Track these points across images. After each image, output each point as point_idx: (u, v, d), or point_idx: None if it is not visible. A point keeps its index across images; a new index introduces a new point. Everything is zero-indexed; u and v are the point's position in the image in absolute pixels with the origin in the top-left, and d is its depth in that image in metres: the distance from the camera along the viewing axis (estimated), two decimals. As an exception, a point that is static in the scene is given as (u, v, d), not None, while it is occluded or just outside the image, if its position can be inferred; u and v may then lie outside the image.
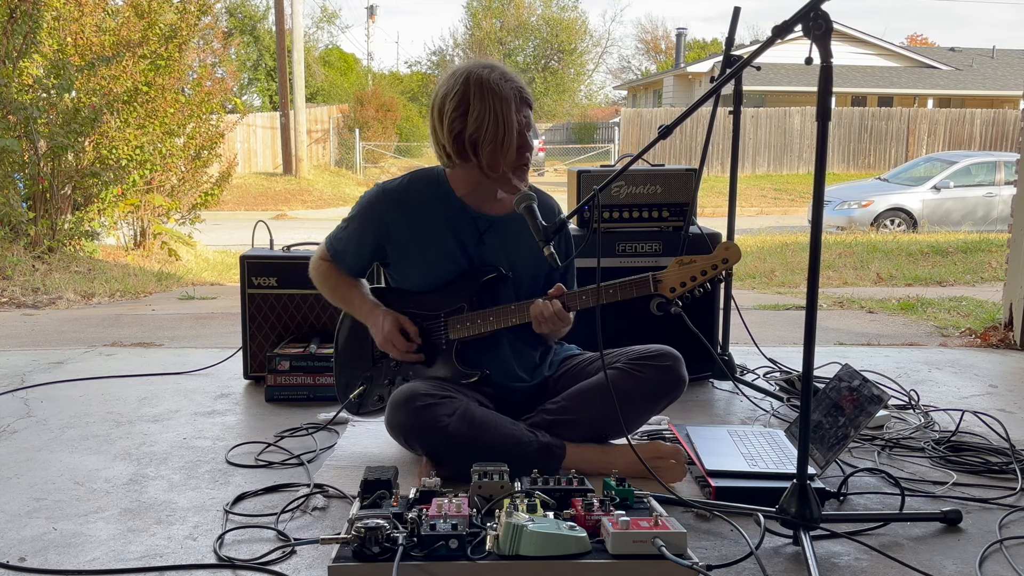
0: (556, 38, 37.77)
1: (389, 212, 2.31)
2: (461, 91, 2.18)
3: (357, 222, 2.35)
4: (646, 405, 2.27)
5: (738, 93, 3.21)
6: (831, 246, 9.41)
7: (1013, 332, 4.07)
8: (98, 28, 8.12)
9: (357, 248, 2.36)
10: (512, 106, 2.18)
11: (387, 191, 2.34)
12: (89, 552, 1.83)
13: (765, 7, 64.67)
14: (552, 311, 2.19)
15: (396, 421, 2.18)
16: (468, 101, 2.18)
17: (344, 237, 2.38)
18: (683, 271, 2.15)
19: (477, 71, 2.20)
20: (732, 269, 2.21)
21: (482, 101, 2.17)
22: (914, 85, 25.00)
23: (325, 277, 2.43)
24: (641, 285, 2.17)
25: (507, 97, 2.17)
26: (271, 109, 24.33)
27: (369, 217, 2.33)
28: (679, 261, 2.16)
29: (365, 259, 2.39)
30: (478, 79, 2.18)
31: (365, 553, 1.61)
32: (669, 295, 2.16)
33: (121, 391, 3.17)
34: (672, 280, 2.15)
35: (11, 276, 6.50)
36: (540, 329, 2.23)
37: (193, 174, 9.00)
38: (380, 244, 2.34)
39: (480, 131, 2.18)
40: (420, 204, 2.30)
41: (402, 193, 2.32)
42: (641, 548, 1.63)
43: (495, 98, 2.16)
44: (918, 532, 1.96)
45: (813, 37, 1.62)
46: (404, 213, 2.30)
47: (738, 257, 2.13)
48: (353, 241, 2.36)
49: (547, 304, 2.20)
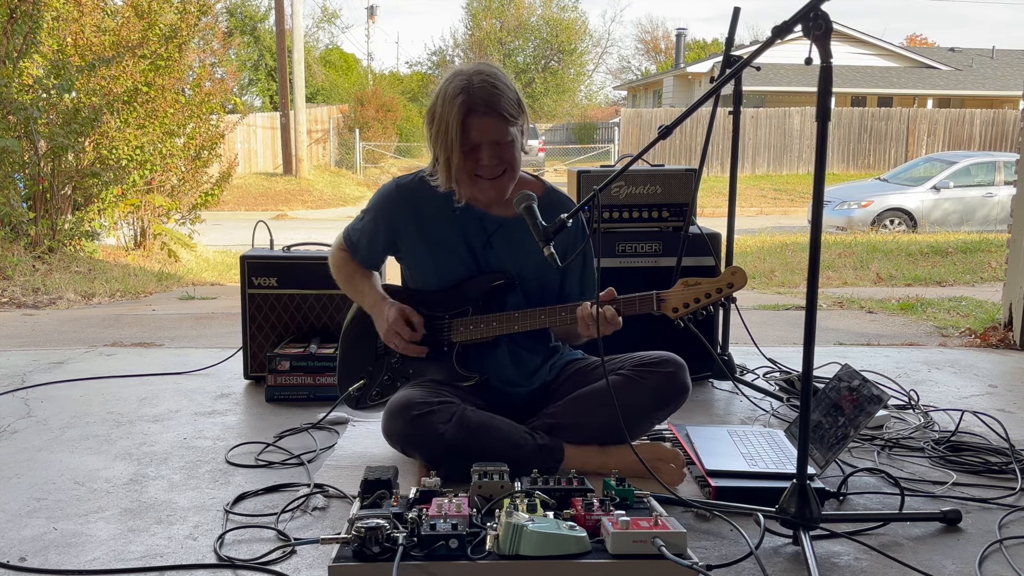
0: (556, 38, 37.76)
1: (401, 207, 2.32)
2: (437, 94, 2.17)
3: (372, 215, 2.37)
4: (649, 412, 2.26)
5: (738, 93, 3.21)
6: (831, 246, 9.41)
7: (1013, 332, 4.08)
8: (98, 28, 8.12)
9: (370, 240, 2.39)
10: (459, 115, 2.10)
11: (400, 186, 2.35)
12: (89, 552, 1.83)
13: (765, 7, 64.70)
14: (602, 314, 2.12)
15: (393, 430, 2.18)
16: (434, 111, 2.17)
17: (359, 228, 2.41)
18: (687, 292, 2.14)
19: (459, 74, 2.16)
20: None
21: (439, 114, 2.13)
22: (914, 85, 25.00)
23: (340, 266, 2.46)
24: (644, 303, 2.17)
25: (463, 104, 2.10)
26: (271, 109, 24.32)
27: (382, 211, 2.35)
28: (684, 282, 2.15)
29: (378, 252, 2.41)
30: (450, 81, 2.15)
31: (365, 553, 1.61)
32: (672, 315, 2.15)
33: (121, 391, 3.17)
34: (676, 301, 2.15)
35: (11, 276, 6.50)
36: (589, 333, 2.18)
37: (193, 174, 9.00)
38: (392, 238, 2.36)
39: (436, 137, 2.16)
40: (431, 202, 2.30)
41: (414, 189, 2.32)
42: (641, 548, 1.63)
43: (448, 102, 2.12)
44: (918, 532, 1.97)
45: (813, 37, 1.62)
46: (414, 209, 2.31)
47: (744, 283, 2.12)
48: (367, 233, 2.39)
49: (595, 308, 2.13)
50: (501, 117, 2.13)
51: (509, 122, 2.15)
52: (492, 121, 2.13)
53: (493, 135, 2.14)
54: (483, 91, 2.12)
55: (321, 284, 3.02)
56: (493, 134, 2.14)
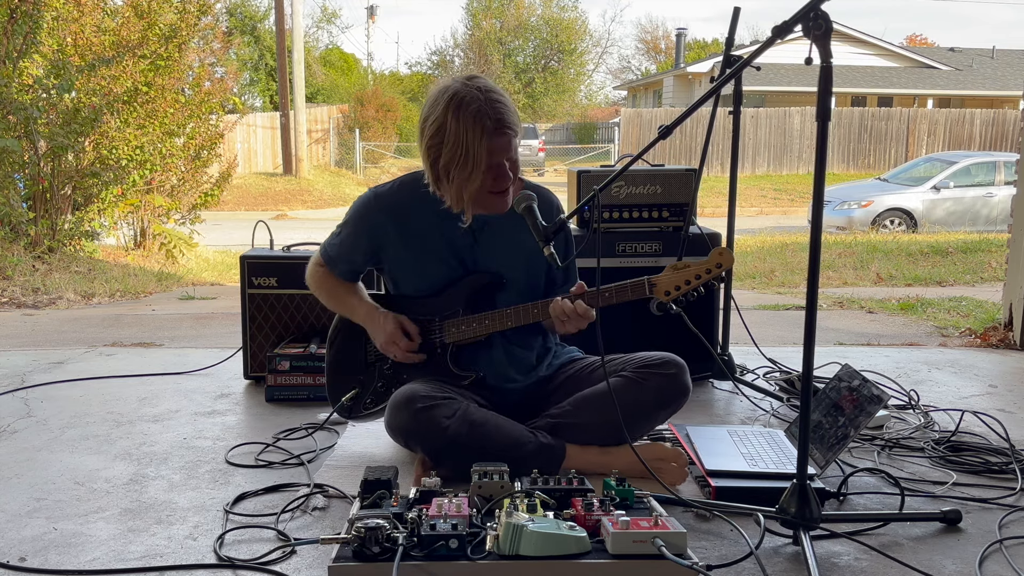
0: (556, 38, 37.76)
1: (381, 217, 2.30)
2: (440, 117, 2.09)
3: (351, 227, 2.34)
4: (650, 413, 2.26)
5: (738, 93, 3.21)
6: (831, 246, 9.41)
7: (1013, 332, 4.07)
8: (98, 28, 8.12)
9: (351, 254, 2.36)
10: (483, 141, 2.06)
11: (379, 196, 2.32)
12: (89, 552, 1.83)
13: (765, 7, 64.70)
14: (572, 309, 2.15)
15: (396, 423, 2.18)
16: (446, 129, 2.09)
17: (338, 243, 2.37)
18: (677, 275, 2.17)
19: (461, 95, 2.08)
20: (729, 273, 2.21)
21: (456, 133, 2.07)
22: (914, 85, 25.00)
23: (321, 283, 2.42)
24: (637, 288, 2.19)
25: (484, 129, 2.05)
26: (272, 109, 24.32)
27: (362, 223, 2.32)
28: (673, 266, 2.18)
29: (359, 264, 2.38)
30: (458, 104, 2.07)
31: (365, 553, 1.61)
32: (664, 298, 2.17)
33: (121, 391, 3.17)
34: (666, 284, 2.17)
35: (11, 276, 6.50)
36: (564, 328, 2.20)
37: (193, 174, 9.00)
38: (374, 250, 2.33)
39: (452, 162, 2.10)
40: (412, 208, 2.28)
41: (394, 198, 2.30)
42: (641, 548, 1.63)
43: (469, 129, 2.05)
44: (918, 532, 1.96)
45: (813, 37, 1.62)
46: (396, 218, 2.29)
47: (731, 262, 2.16)
48: (347, 247, 2.35)
49: (566, 302, 2.17)
50: (514, 133, 2.13)
51: (517, 133, 2.15)
52: (508, 139, 2.12)
53: (509, 152, 2.13)
54: (496, 111, 2.08)
55: (321, 284, 3.01)
56: (509, 151, 2.13)
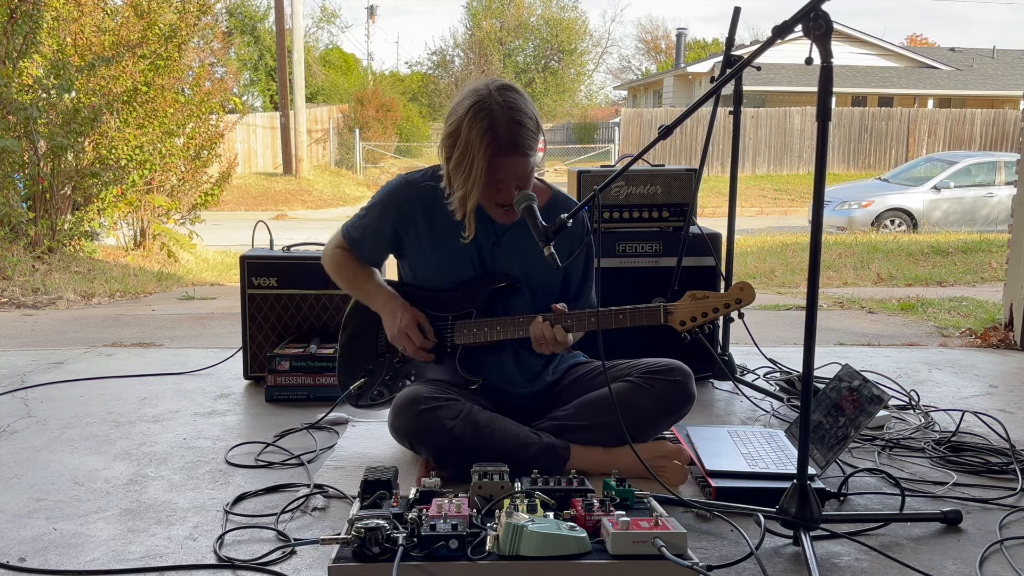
0: (556, 38, 37.74)
1: (409, 203, 2.29)
2: (459, 119, 2.08)
3: (377, 210, 2.33)
4: (655, 419, 2.27)
5: (738, 93, 3.20)
6: (831, 246, 9.40)
7: (1013, 332, 4.07)
8: (98, 28, 8.12)
9: (375, 236, 2.35)
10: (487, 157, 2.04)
11: (410, 182, 2.31)
12: (89, 552, 1.83)
13: (765, 7, 64.67)
14: (551, 336, 2.15)
15: (400, 425, 2.18)
16: (459, 133, 2.07)
17: (363, 225, 2.36)
18: (695, 306, 2.14)
19: (484, 103, 2.06)
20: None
21: (467, 140, 2.05)
22: (914, 85, 24.99)
23: (340, 264, 2.41)
24: (651, 315, 2.17)
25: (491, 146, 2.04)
26: (272, 109, 24.32)
27: (390, 206, 2.31)
28: (692, 295, 2.14)
29: (382, 248, 2.38)
30: (476, 112, 2.05)
31: (365, 553, 1.61)
32: (679, 328, 2.15)
33: (121, 391, 3.17)
34: (683, 314, 2.15)
35: (11, 276, 6.50)
36: (539, 349, 2.20)
37: (193, 174, 8.99)
38: (398, 235, 2.32)
39: (458, 168, 2.10)
40: (440, 200, 2.26)
41: (423, 186, 2.29)
42: (641, 548, 1.63)
43: (477, 141, 2.04)
44: (918, 532, 1.96)
45: (813, 37, 1.62)
46: (424, 206, 2.28)
47: (752, 298, 2.12)
48: (372, 229, 2.34)
49: (546, 327, 2.16)
50: (526, 155, 2.10)
51: (532, 155, 2.12)
52: (518, 160, 2.09)
53: (518, 172, 2.11)
54: (510, 130, 2.05)
55: (321, 284, 3.01)
56: (519, 171, 2.11)
